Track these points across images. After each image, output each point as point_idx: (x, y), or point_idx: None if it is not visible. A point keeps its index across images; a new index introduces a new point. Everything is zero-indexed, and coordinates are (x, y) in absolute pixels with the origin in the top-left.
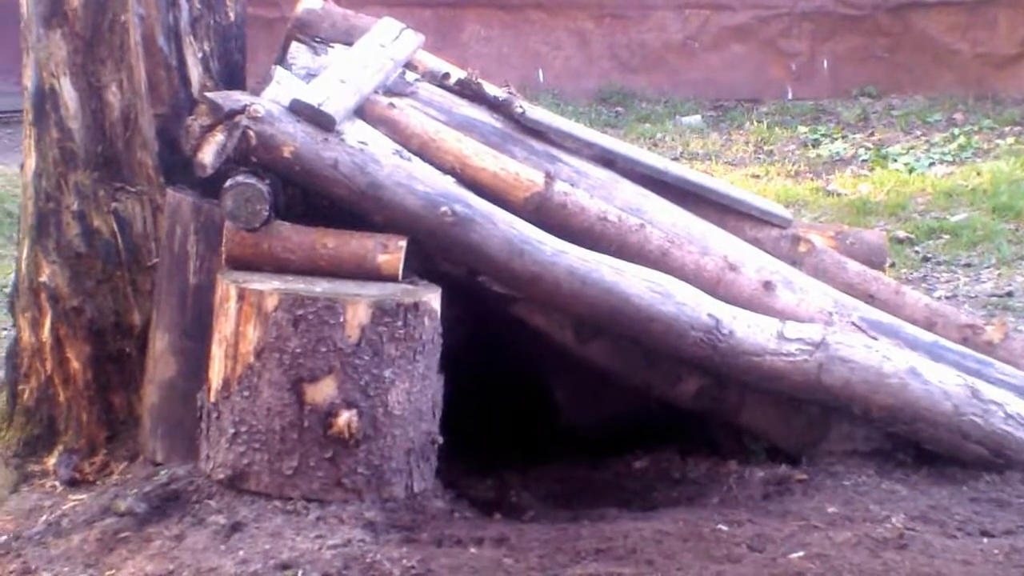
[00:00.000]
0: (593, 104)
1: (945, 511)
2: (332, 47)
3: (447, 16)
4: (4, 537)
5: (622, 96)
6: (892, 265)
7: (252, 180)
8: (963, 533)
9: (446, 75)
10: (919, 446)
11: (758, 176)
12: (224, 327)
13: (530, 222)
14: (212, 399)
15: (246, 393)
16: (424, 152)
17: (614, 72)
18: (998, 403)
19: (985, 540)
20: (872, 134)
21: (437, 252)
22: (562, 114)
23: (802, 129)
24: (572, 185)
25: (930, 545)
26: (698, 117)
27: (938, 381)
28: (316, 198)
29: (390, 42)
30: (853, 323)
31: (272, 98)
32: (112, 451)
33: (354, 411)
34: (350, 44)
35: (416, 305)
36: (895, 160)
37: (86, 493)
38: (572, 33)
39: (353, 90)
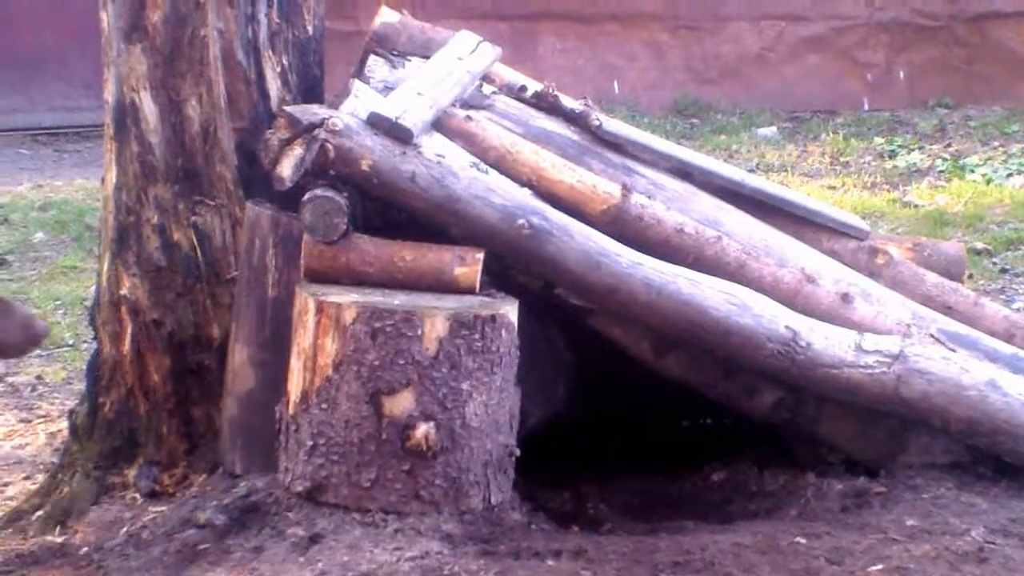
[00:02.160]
0: (668, 116)
1: None
2: (409, 60)
3: (523, 29)
4: (85, 548)
5: (697, 108)
6: (970, 277)
7: (330, 193)
8: None
9: (523, 88)
10: (999, 458)
11: (834, 188)
12: (303, 340)
13: (606, 234)
14: (291, 411)
15: (324, 406)
16: (501, 165)
17: (689, 84)
18: None
19: None
20: (949, 145)
21: (514, 264)
22: (637, 126)
23: (878, 140)
24: (649, 197)
25: (1010, 559)
26: (774, 128)
27: (1018, 394)
28: (393, 211)
29: (467, 55)
30: (931, 335)
31: (350, 111)
32: (192, 463)
33: (432, 423)
34: (427, 57)
35: (493, 317)
36: (972, 171)
37: (166, 505)
38: (647, 45)
39: (430, 103)
